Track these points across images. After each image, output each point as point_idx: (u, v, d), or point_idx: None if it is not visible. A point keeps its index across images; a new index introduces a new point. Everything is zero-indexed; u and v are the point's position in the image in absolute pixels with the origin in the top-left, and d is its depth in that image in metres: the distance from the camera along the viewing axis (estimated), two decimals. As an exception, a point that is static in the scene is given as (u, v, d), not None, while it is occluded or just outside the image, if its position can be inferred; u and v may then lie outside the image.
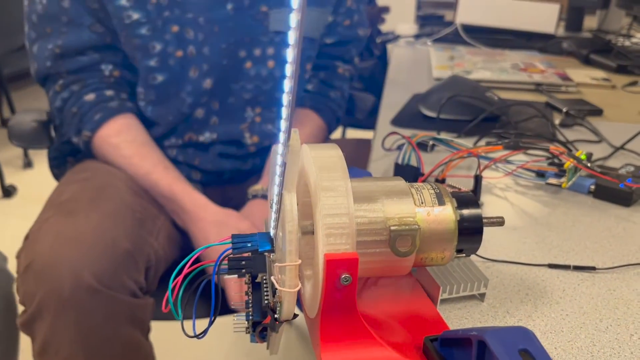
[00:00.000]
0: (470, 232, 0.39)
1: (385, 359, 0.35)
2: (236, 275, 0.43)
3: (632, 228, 0.55)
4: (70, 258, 0.68)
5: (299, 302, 0.43)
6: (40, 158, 2.68)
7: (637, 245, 0.51)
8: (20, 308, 0.75)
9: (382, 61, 1.67)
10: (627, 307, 0.42)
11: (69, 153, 1.03)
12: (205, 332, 0.42)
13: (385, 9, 1.80)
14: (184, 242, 0.94)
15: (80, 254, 0.69)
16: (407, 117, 0.91)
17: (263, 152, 1.01)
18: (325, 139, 1.11)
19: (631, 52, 1.34)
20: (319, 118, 1.05)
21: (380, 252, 0.37)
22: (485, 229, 0.39)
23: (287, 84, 0.28)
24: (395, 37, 1.72)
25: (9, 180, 2.41)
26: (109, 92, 0.89)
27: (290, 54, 0.27)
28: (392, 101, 1.01)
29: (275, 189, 0.35)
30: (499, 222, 0.41)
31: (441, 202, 0.38)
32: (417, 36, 1.73)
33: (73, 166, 1.00)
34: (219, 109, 0.94)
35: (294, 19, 0.25)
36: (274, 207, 0.36)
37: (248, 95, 0.94)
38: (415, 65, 1.34)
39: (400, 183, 0.39)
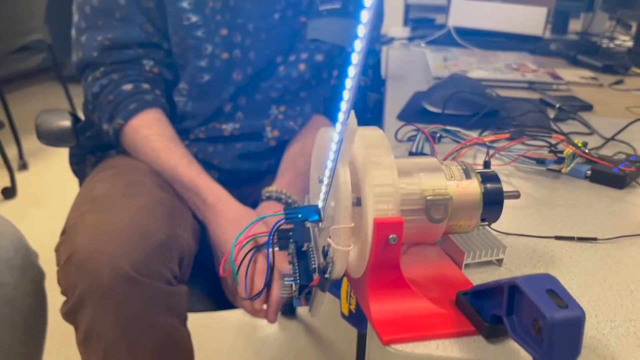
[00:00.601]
0: (493, 203, 0.45)
1: (424, 309, 0.41)
2: (278, 248, 0.48)
3: (626, 207, 0.61)
4: (108, 249, 0.72)
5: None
6: (35, 160, 2.70)
7: (632, 220, 0.58)
8: (61, 299, 0.78)
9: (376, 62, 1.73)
10: (626, 269, 0.49)
11: (89, 151, 1.07)
12: (259, 293, 0.47)
13: (380, 13, 1.87)
14: (204, 235, 0.99)
15: (118, 245, 0.73)
16: (411, 113, 0.97)
17: (278, 151, 1.06)
18: None
19: (616, 53, 1.42)
20: (330, 124, 1.11)
21: (418, 220, 0.42)
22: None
23: (352, 71, 0.34)
24: (390, 39, 1.78)
25: (4, 182, 2.43)
26: (146, 86, 0.94)
27: (358, 44, 0.32)
28: (395, 99, 1.07)
29: (329, 164, 0.40)
30: (515, 195, 0.47)
31: (468, 177, 0.44)
32: (411, 38, 1.80)
33: (93, 163, 1.04)
34: (245, 104, 0.99)
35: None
36: (325, 180, 0.42)
37: (275, 94, 1.00)
38: (412, 66, 1.40)
39: (433, 160, 0.44)
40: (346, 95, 0.35)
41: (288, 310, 1.76)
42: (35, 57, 3.09)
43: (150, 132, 0.93)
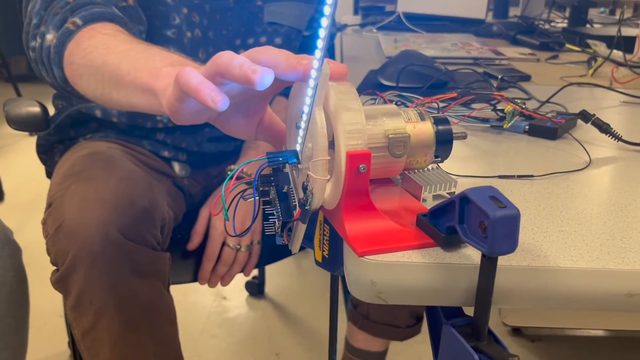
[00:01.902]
0: (444, 141, 0.52)
1: (391, 227, 0.48)
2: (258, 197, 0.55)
3: (557, 153, 0.71)
4: (97, 217, 0.77)
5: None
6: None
7: (561, 162, 0.67)
8: (51, 268, 0.82)
9: (330, 48, 1.81)
10: (557, 198, 0.57)
11: (56, 141, 1.10)
12: (247, 230, 0.54)
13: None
14: (178, 210, 1.04)
15: (105, 212, 0.77)
16: (368, 88, 1.05)
17: None
18: None
19: (552, 33, 1.53)
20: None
21: (382, 156, 0.50)
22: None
23: (324, 22, 0.41)
24: (343, 26, 1.86)
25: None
26: (118, 13, 0.78)
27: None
28: (351, 78, 1.14)
29: (305, 109, 0.47)
30: (463, 136, 0.56)
31: (423, 119, 0.52)
32: (362, 25, 1.88)
33: (61, 151, 1.07)
34: None
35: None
36: (302, 125, 0.49)
37: None
38: (366, 49, 1.49)
39: (393, 107, 0.52)
40: (320, 44, 0.42)
41: (256, 290, 1.83)
42: (-17, 56, 3.03)
43: (114, 32, 0.73)
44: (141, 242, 0.79)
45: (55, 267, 0.80)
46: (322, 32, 0.41)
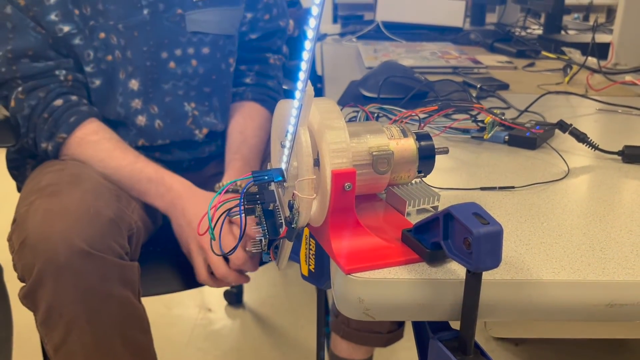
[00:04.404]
0: (426, 157, 0.53)
1: (377, 244, 0.49)
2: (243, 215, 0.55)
3: (537, 163, 0.72)
4: (61, 228, 0.76)
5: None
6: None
7: (541, 173, 0.68)
8: (19, 285, 0.82)
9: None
10: (538, 209, 0.59)
11: (28, 155, 1.08)
12: (234, 249, 0.54)
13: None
14: (153, 229, 1.04)
15: (70, 224, 0.77)
16: (349, 100, 1.06)
17: (215, 138, 1.12)
18: None
19: (528, 40, 1.56)
20: (264, 110, 1.16)
21: (366, 172, 0.50)
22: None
23: (308, 45, 0.41)
24: (323, 35, 1.88)
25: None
26: (74, 97, 0.96)
27: (312, 22, 0.40)
28: (332, 89, 1.15)
29: (290, 128, 0.48)
30: (445, 151, 0.56)
31: (405, 136, 0.53)
32: (342, 34, 1.89)
33: (33, 166, 1.06)
34: (158, 112, 1.02)
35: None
36: (287, 144, 0.49)
37: (181, 91, 1.03)
38: (346, 59, 1.50)
39: (376, 124, 0.53)
40: (304, 65, 0.43)
41: (235, 299, 1.83)
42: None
43: (98, 137, 0.96)
44: (108, 253, 0.78)
45: (23, 284, 0.80)
46: (306, 55, 0.42)
